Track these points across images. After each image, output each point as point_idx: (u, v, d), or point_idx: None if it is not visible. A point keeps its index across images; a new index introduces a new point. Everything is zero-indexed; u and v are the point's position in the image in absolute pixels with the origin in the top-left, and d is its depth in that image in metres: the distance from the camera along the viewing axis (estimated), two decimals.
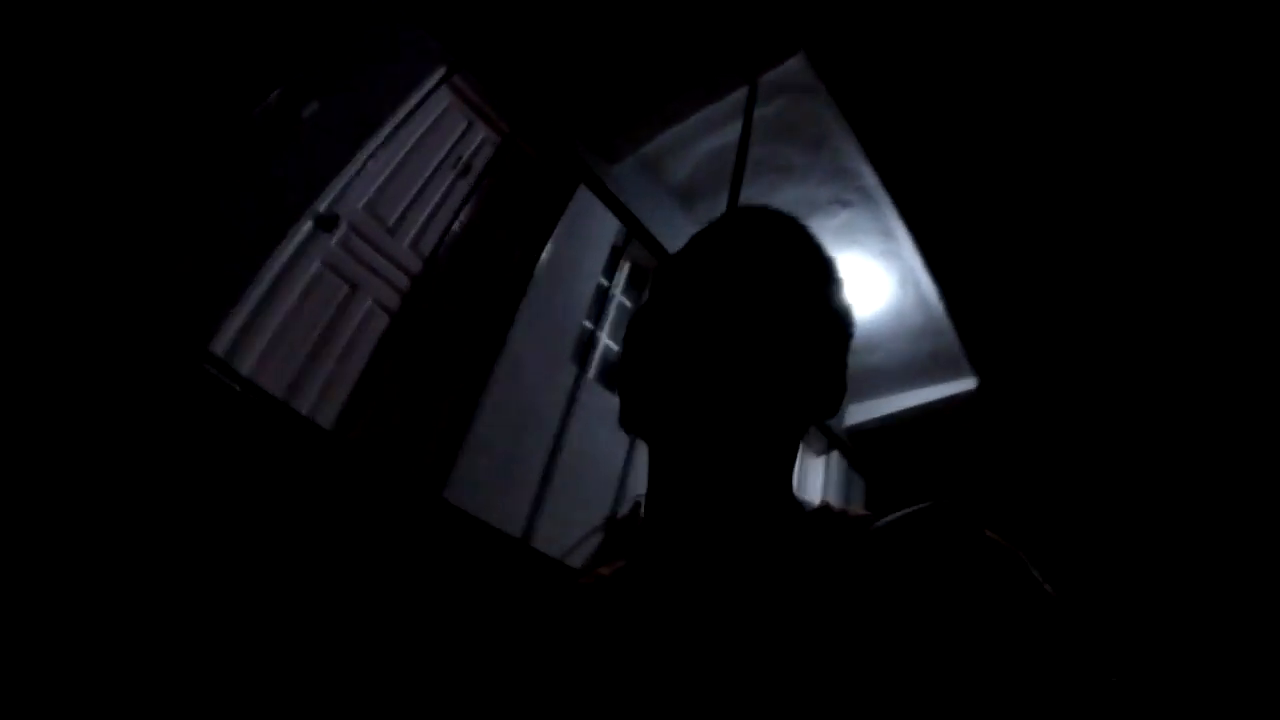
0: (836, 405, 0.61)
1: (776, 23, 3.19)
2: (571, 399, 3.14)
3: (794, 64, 3.26)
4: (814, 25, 3.18)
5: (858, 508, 0.56)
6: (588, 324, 3.51)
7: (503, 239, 3.28)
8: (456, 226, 3.14)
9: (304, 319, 2.63)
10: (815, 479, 4.57)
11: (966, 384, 4.50)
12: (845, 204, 3.78)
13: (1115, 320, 4.01)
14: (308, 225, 2.67)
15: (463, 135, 3.32)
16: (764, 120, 3.34)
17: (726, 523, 0.54)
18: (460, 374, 2.92)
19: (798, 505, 0.57)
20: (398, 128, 3.00)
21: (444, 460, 2.63)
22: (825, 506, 0.57)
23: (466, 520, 2.23)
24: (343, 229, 2.80)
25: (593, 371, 3.43)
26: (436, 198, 3.13)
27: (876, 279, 4.06)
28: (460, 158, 3.26)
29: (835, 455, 4.54)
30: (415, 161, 3.09)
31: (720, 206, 3.19)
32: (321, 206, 2.72)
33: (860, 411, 4.78)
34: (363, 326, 2.79)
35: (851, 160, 3.60)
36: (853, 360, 0.65)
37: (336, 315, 2.72)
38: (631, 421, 0.58)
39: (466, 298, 3.08)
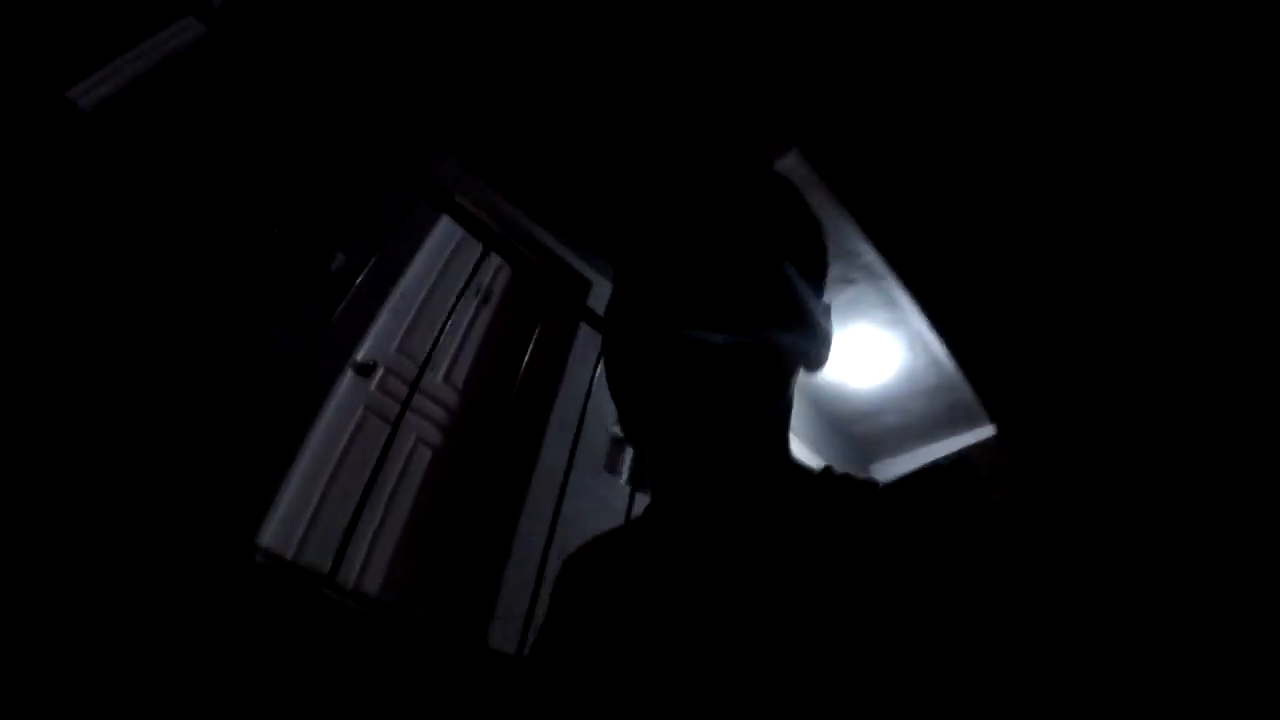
0: (818, 357, 0.60)
1: (772, 126, 3.39)
2: (605, 505, 3.25)
3: (789, 160, 3.44)
4: (805, 124, 3.37)
5: (862, 474, 0.57)
6: (616, 429, 3.63)
7: (527, 360, 3.42)
8: (484, 354, 3.28)
9: (350, 465, 2.75)
10: None
11: (985, 432, 4.59)
12: (850, 281, 3.93)
13: (1117, 352, 4.12)
14: (348, 375, 2.81)
15: (480, 261, 3.49)
16: None
17: (728, 496, 0.55)
18: (500, 497, 3.03)
19: (801, 470, 0.57)
20: (419, 264, 3.17)
21: (488, 590, 2.72)
22: (828, 469, 0.57)
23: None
24: (379, 373, 2.94)
25: (624, 476, 3.54)
26: (463, 328, 3.28)
27: (886, 346, 4.19)
28: (481, 285, 3.42)
29: None
30: (439, 295, 3.25)
31: None
32: (359, 355, 2.87)
33: (882, 470, 4.86)
34: (407, 465, 2.91)
35: (851, 241, 3.76)
36: (870, 422, 0.70)
37: (380, 459, 2.84)
38: (626, 433, 0.58)
39: (500, 423, 3.21)
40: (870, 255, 3.82)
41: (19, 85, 2.28)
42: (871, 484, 0.53)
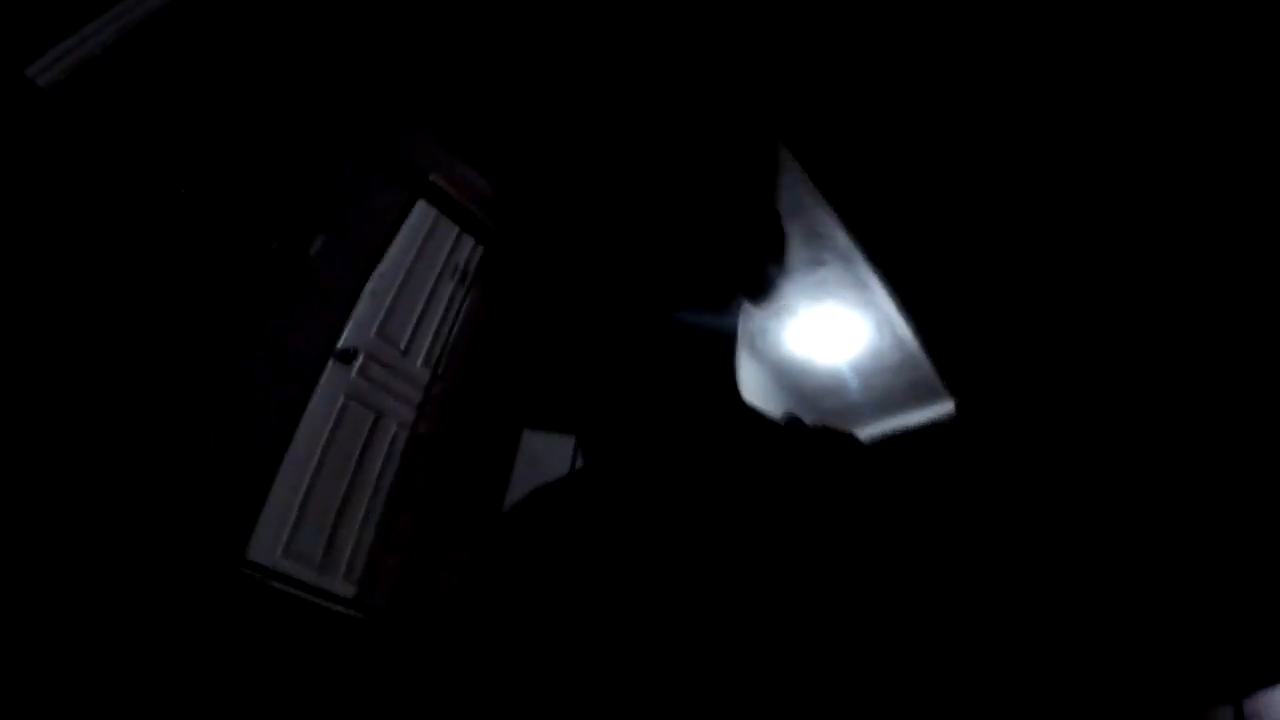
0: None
1: (749, 111, 3.40)
2: None
3: (767, 144, 3.47)
4: (782, 110, 3.39)
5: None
6: None
7: (506, 338, 3.42)
8: (461, 335, 3.27)
9: (335, 452, 2.75)
10: None
11: (945, 408, 4.78)
12: (821, 263, 4.01)
13: (1077, 336, 4.33)
14: (330, 364, 2.79)
15: (456, 240, 3.45)
16: None
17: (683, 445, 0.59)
18: (482, 482, 3.07)
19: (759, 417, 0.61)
20: (396, 247, 3.13)
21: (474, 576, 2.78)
22: (794, 418, 0.62)
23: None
24: (360, 359, 2.92)
25: None
26: (440, 310, 3.26)
27: (854, 326, 4.30)
28: (457, 266, 3.39)
29: None
30: (416, 278, 3.21)
31: None
32: (340, 343, 2.84)
33: None
34: (390, 451, 2.92)
35: (823, 224, 3.83)
36: (834, 397, 0.75)
37: (366, 444, 2.84)
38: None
39: (480, 406, 3.22)
40: (841, 238, 3.90)
41: None
42: (850, 438, 0.57)
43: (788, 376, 4.80)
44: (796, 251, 3.96)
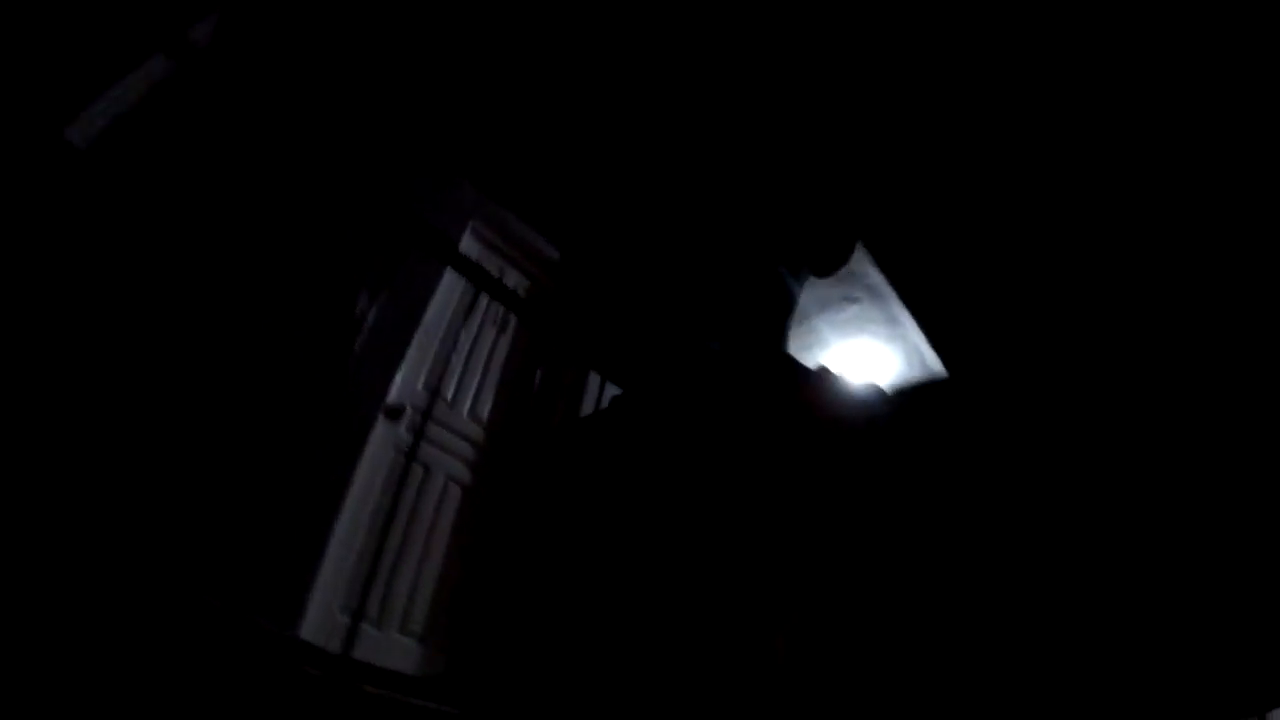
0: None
1: (790, 158, 3.43)
2: None
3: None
4: (821, 160, 3.42)
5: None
6: None
7: (549, 386, 3.45)
8: (504, 383, 3.30)
9: (385, 513, 2.78)
10: None
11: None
12: (854, 300, 4.03)
13: (1094, 353, 4.36)
14: (380, 421, 2.82)
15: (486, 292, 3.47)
16: None
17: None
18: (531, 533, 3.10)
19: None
20: (438, 297, 3.15)
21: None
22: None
23: None
24: (408, 414, 2.94)
25: None
26: (484, 359, 3.29)
27: (885, 359, 4.33)
28: (499, 312, 3.41)
29: None
30: (458, 326, 3.24)
31: None
32: (389, 399, 2.86)
33: None
34: (440, 505, 2.95)
35: (857, 264, 3.85)
36: None
37: (417, 499, 2.87)
38: None
39: (527, 455, 3.25)
40: (875, 277, 3.92)
41: (18, 127, 2.18)
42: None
43: None
44: (830, 289, 3.99)
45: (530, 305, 2.47)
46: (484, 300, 3.39)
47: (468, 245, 3.40)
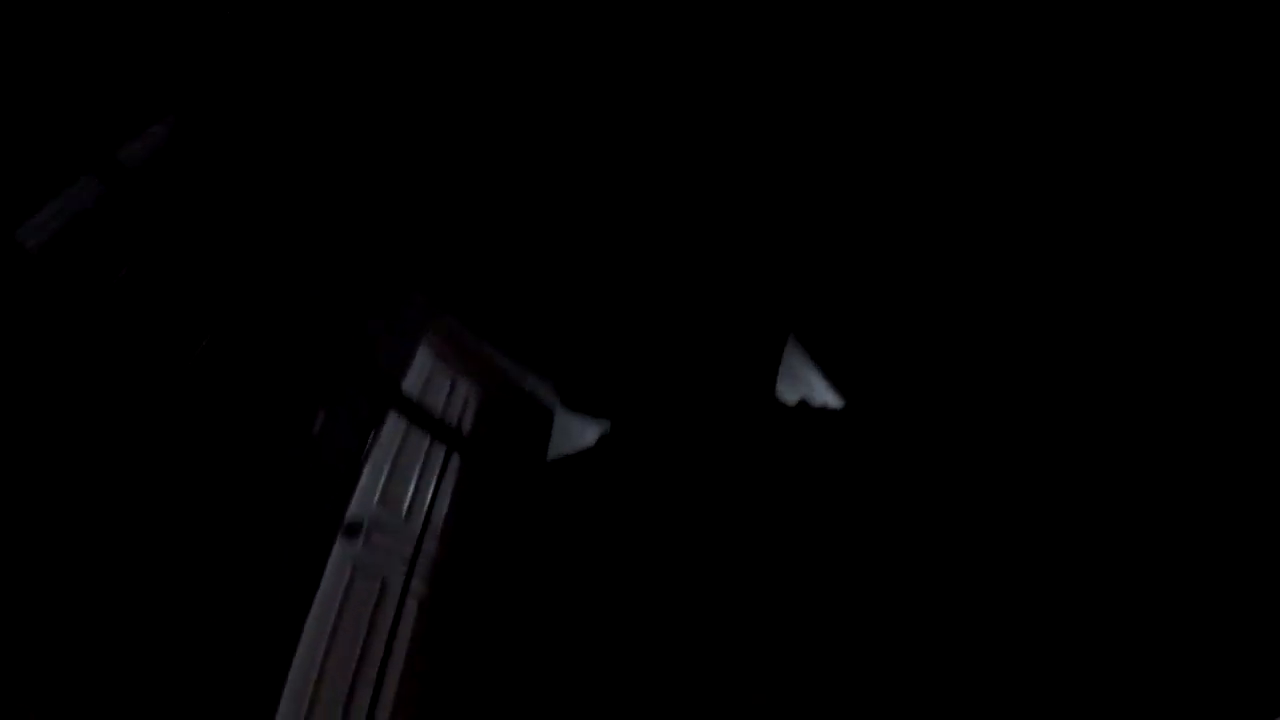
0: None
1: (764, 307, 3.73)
2: None
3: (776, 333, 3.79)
4: (795, 310, 3.73)
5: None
6: None
7: (501, 497, 3.54)
8: (459, 493, 3.38)
9: (345, 627, 2.78)
10: None
11: None
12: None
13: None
14: (338, 541, 2.85)
15: (449, 395, 3.60)
16: None
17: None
18: (492, 646, 3.13)
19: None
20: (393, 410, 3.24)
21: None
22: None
23: None
24: (364, 530, 2.99)
25: None
26: (437, 469, 3.37)
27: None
28: (451, 421, 3.52)
29: None
30: (414, 436, 3.33)
31: None
32: (347, 517, 2.91)
33: None
34: (398, 618, 2.96)
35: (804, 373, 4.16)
36: None
37: (373, 618, 2.89)
38: None
39: (478, 566, 3.31)
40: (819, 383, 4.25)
41: None
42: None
43: None
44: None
45: (471, 439, 2.60)
46: (438, 404, 3.50)
47: (422, 357, 3.53)
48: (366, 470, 3.05)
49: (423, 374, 3.49)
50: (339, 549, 2.85)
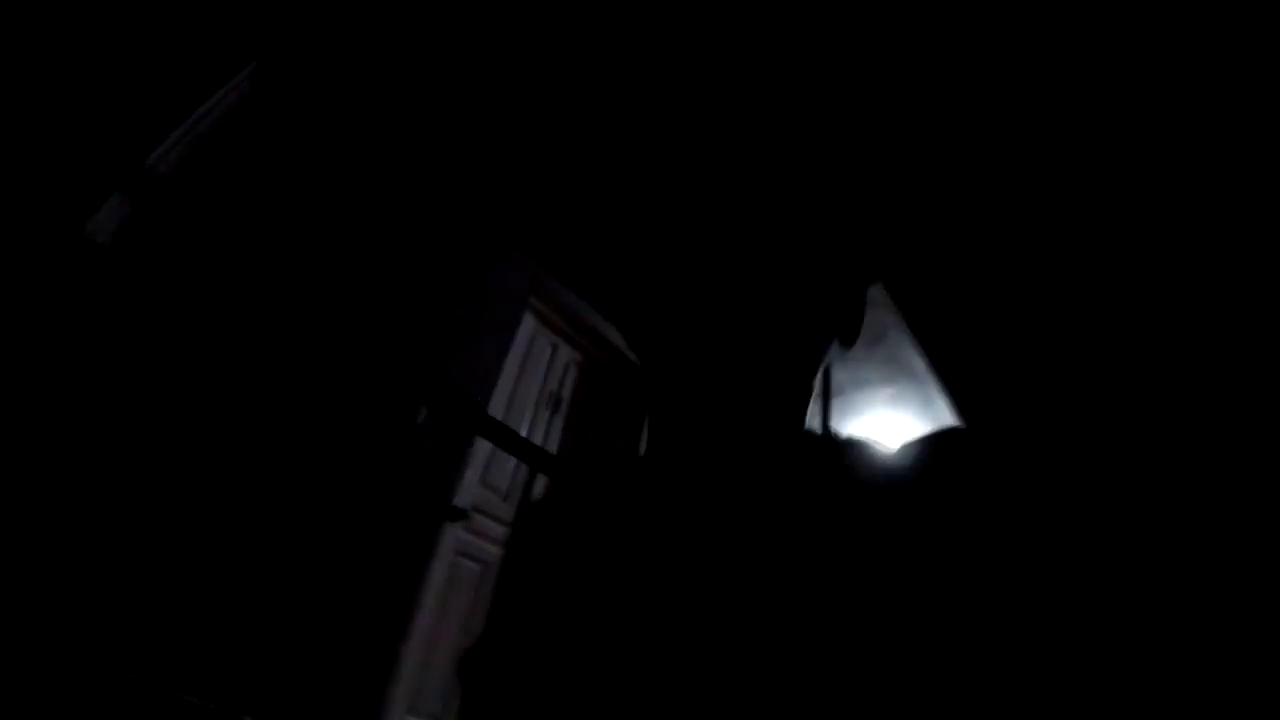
0: None
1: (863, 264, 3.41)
2: None
3: (876, 289, 3.52)
4: (889, 267, 3.39)
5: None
6: None
7: (599, 467, 3.45)
8: (553, 466, 3.29)
9: (449, 617, 2.81)
10: None
11: None
12: (894, 381, 4.08)
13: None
14: (445, 528, 2.81)
15: (550, 362, 3.43)
16: None
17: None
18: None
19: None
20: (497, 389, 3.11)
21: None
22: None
23: None
24: (468, 515, 2.94)
25: None
26: (539, 442, 3.27)
27: (917, 432, 4.41)
28: (551, 392, 3.37)
29: None
30: (515, 410, 3.20)
31: None
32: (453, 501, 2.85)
33: None
34: (497, 602, 2.98)
35: (901, 350, 3.88)
36: None
37: (473, 601, 2.91)
38: None
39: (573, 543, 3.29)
40: (917, 363, 3.96)
41: (35, 220, 2.09)
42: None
43: None
44: (875, 370, 4.02)
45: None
46: (538, 380, 3.35)
47: (526, 323, 3.33)
48: (470, 454, 2.96)
49: (524, 337, 3.31)
50: (445, 536, 2.82)
